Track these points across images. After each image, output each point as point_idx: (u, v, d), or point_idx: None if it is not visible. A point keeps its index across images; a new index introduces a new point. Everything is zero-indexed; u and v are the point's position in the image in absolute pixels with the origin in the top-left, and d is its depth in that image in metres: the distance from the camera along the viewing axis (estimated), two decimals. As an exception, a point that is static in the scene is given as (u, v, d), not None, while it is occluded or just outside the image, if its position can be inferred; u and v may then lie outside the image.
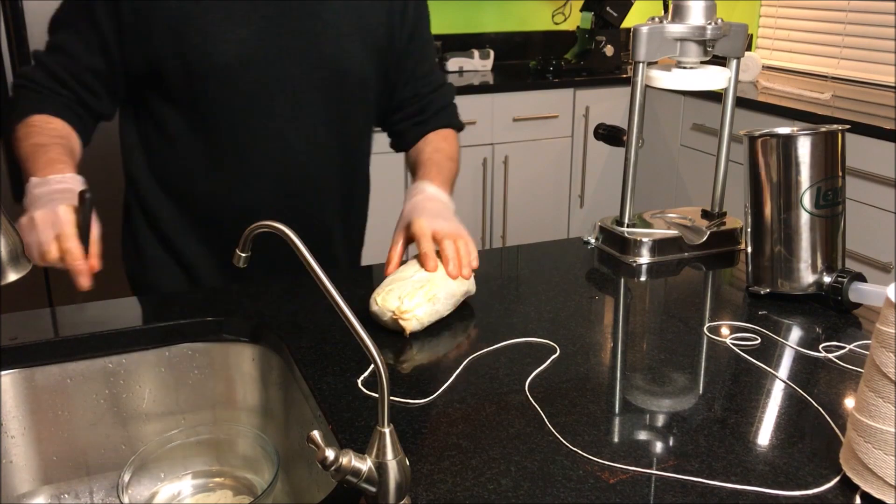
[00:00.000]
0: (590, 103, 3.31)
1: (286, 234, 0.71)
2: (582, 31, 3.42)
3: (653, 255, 1.31)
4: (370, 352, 0.67)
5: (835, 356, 1.00)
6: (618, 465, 0.79)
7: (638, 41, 1.24)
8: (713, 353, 1.02)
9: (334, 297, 0.69)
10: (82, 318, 1.10)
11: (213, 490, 1.05)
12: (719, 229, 1.35)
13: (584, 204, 3.46)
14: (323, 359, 0.99)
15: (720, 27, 1.23)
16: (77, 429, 1.04)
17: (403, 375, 0.96)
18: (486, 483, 0.76)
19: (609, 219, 1.37)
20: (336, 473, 0.67)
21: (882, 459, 0.71)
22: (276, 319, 1.08)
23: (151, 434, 1.07)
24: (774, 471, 0.78)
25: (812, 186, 1.10)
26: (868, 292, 1.08)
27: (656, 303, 1.20)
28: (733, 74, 1.31)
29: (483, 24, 3.64)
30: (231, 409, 1.10)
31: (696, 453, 0.81)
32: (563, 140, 3.34)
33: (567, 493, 0.75)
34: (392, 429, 0.69)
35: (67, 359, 1.03)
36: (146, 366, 1.06)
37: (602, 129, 1.41)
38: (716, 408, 0.89)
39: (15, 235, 0.68)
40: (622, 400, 0.92)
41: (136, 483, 0.97)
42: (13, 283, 0.68)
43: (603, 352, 1.02)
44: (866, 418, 0.73)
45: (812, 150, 1.10)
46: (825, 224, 1.12)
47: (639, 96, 1.28)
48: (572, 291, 1.20)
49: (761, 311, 1.13)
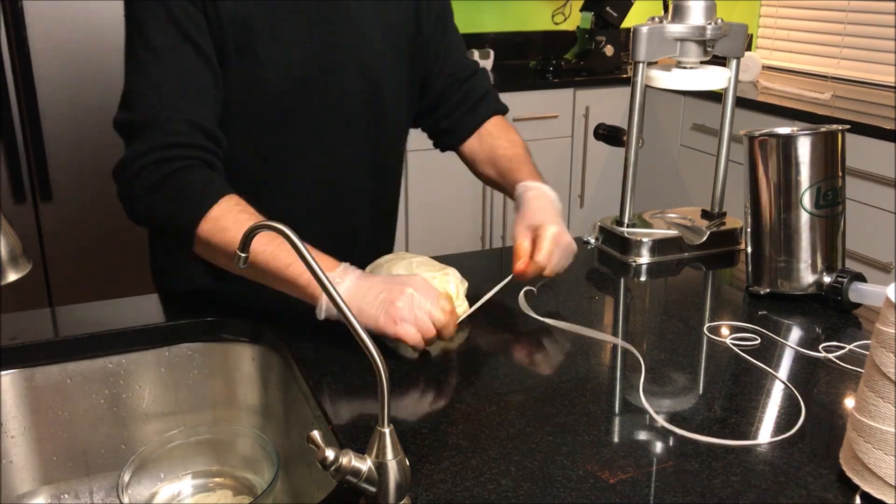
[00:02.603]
0: (590, 103, 3.31)
1: (286, 235, 0.71)
2: (582, 31, 3.42)
3: (653, 255, 1.31)
4: (370, 352, 0.67)
5: (835, 356, 1.00)
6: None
7: (638, 41, 1.24)
8: (713, 353, 1.02)
9: (334, 296, 0.69)
10: (82, 318, 1.10)
11: (213, 490, 1.05)
12: (719, 229, 1.35)
13: (584, 204, 3.46)
14: (323, 359, 0.99)
15: (720, 27, 1.23)
16: (77, 429, 1.04)
17: (403, 375, 0.96)
18: (486, 483, 0.76)
19: (609, 219, 1.37)
20: (336, 473, 0.67)
21: (882, 459, 0.71)
22: (276, 319, 1.08)
23: (151, 434, 1.07)
24: (774, 471, 0.78)
25: (812, 186, 1.10)
26: (868, 292, 1.08)
27: (656, 303, 1.20)
28: (733, 74, 1.31)
29: (483, 24, 3.64)
30: (231, 409, 1.10)
31: (696, 453, 0.81)
32: (563, 140, 3.33)
33: (567, 493, 0.75)
34: (392, 429, 0.69)
35: (67, 359, 1.03)
36: (146, 366, 1.06)
37: (602, 129, 1.41)
38: (716, 408, 0.89)
39: (14, 235, 0.68)
40: (622, 400, 0.92)
41: (136, 483, 0.97)
42: (13, 283, 0.68)
43: (603, 352, 1.02)
44: (866, 418, 0.73)
45: (812, 150, 1.10)
46: (825, 224, 1.12)
47: (639, 96, 1.28)
48: (572, 291, 1.20)
49: (761, 311, 1.13)
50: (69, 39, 2.40)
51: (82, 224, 2.52)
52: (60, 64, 2.41)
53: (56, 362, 1.02)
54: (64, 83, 2.42)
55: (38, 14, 2.35)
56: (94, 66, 2.42)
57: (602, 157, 3.41)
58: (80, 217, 2.52)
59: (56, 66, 2.41)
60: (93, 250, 2.54)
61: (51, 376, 1.02)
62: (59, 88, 2.42)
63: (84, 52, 2.41)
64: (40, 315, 1.13)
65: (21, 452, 1.02)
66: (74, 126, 2.46)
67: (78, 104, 2.45)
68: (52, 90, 2.42)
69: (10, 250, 0.67)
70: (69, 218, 2.52)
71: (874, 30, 3.21)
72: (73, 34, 2.40)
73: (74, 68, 2.42)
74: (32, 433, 1.02)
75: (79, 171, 2.48)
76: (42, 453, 1.03)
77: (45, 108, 2.42)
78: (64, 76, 2.42)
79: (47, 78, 2.40)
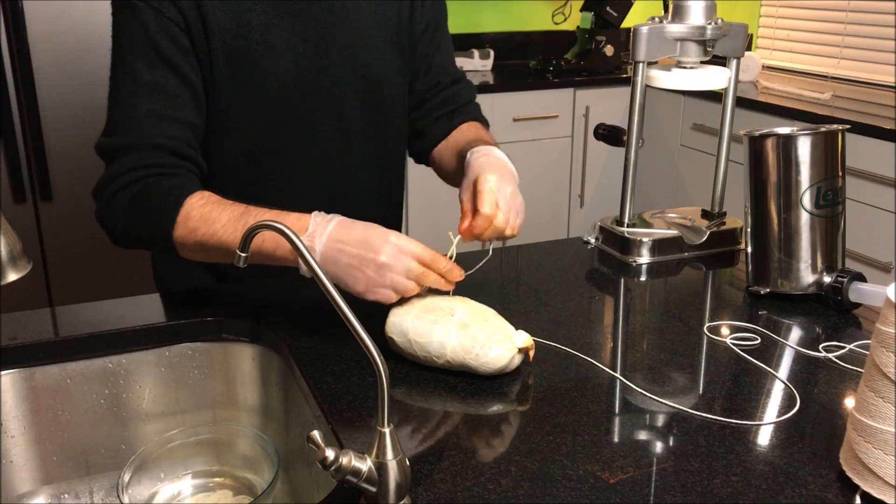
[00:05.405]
0: (590, 103, 3.31)
1: (286, 234, 0.71)
2: (582, 31, 3.42)
3: (653, 255, 1.31)
4: (370, 352, 0.67)
5: (835, 356, 1.00)
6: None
7: (638, 41, 1.24)
8: (713, 353, 1.02)
9: (334, 296, 0.69)
10: (82, 318, 1.10)
11: (213, 490, 1.05)
12: (719, 229, 1.35)
13: (584, 204, 3.46)
14: (323, 359, 0.99)
15: (720, 27, 1.23)
16: (77, 429, 1.04)
17: (403, 375, 0.96)
18: (486, 483, 0.76)
19: (609, 219, 1.37)
20: (336, 473, 0.67)
21: (882, 459, 0.71)
22: (276, 319, 1.08)
23: (151, 434, 1.07)
24: (774, 471, 0.78)
25: (812, 186, 1.10)
26: (868, 292, 1.08)
27: (656, 303, 1.20)
28: (733, 74, 1.31)
29: (483, 24, 3.64)
30: (231, 409, 1.10)
31: (696, 453, 0.81)
32: (563, 140, 3.33)
33: (567, 493, 0.75)
34: (392, 429, 0.69)
35: (67, 359, 1.03)
36: (146, 366, 1.06)
37: (602, 129, 1.40)
38: (716, 408, 0.89)
39: (14, 235, 0.68)
40: (622, 400, 0.92)
41: (136, 483, 0.97)
42: (13, 283, 0.68)
43: (603, 352, 1.02)
44: (866, 418, 0.73)
45: (812, 150, 1.10)
46: (825, 224, 1.12)
47: (639, 96, 1.28)
48: (572, 291, 1.20)
49: (761, 311, 1.13)
50: (69, 39, 2.40)
51: (82, 224, 2.52)
52: (60, 64, 2.41)
53: (56, 362, 1.02)
54: (64, 83, 2.42)
55: (38, 14, 2.35)
56: (94, 66, 2.42)
57: (602, 157, 3.41)
58: (80, 217, 2.51)
59: (56, 66, 2.41)
60: (93, 250, 2.54)
61: (51, 376, 1.02)
62: (59, 88, 2.42)
63: (84, 52, 2.42)
64: (40, 315, 1.13)
65: (21, 452, 1.02)
66: (74, 126, 2.46)
67: (78, 104, 2.45)
68: (52, 90, 2.42)
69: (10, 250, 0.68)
70: (69, 218, 2.52)
71: (874, 30, 3.21)
72: (73, 34, 2.40)
73: (74, 68, 2.42)
74: (32, 433, 1.02)
75: (79, 171, 2.48)
76: (42, 453, 1.03)
77: (45, 108, 2.42)
78: (64, 76, 2.42)
79: (47, 78, 2.40)
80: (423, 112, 1.37)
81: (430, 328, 0.94)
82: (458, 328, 0.93)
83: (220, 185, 1.13)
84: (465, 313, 0.95)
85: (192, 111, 1.14)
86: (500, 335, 0.93)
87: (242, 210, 1.03)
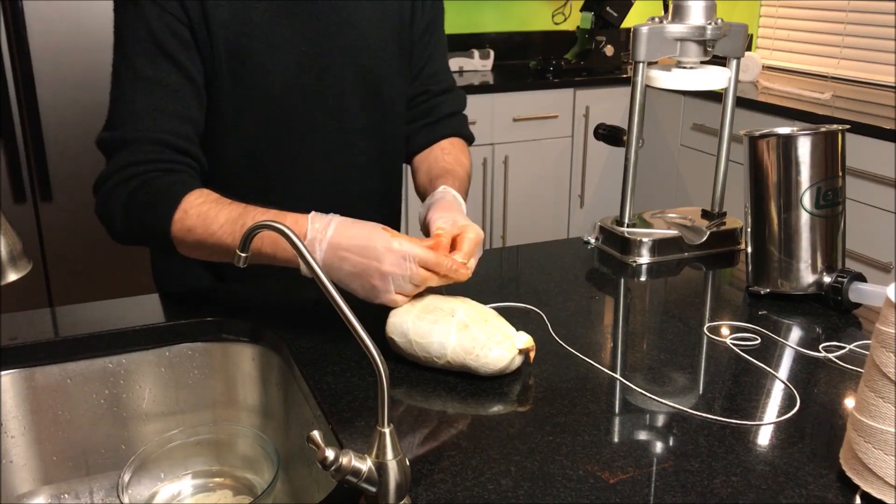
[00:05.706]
0: (590, 103, 3.31)
1: (286, 234, 0.71)
2: (582, 31, 3.42)
3: (653, 255, 1.31)
4: (370, 352, 0.67)
5: (835, 356, 1.00)
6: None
7: (638, 41, 1.24)
8: (713, 353, 1.02)
9: (334, 296, 0.69)
10: (82, 318, 1.10)
11: (213, 490, 1.05)
12: (719, 229, 1.35)
13: (584, 204, 3.46)
14: (323, 359, 0.99)
15: (720, 27, 1.23)
16: (77, 429, 1.04)
17: (403, 375, 0.96)
18: (486, 483, 0.76)
19: (609, 219, 1.37)
20: (336, 473, 0.67)
21: (882, 459, 0.71)
22: (276, 319, 1.08)
23: (151, 434, 1.07)
24: (774, 471, 0.78)
25: (812, 186, 1.10)
26: (868, 292, 1.08)
27: (656, 303, 1.20)
28: (733, 74, 1.31)
29: (483, 24, 3.64)
30: (231, 409, 1.10)
31: (696, 453, 0.81)
32: (563, 140, 3.34)
33: (567, 493, 0.75)
34: (392, 429, 0.69)
35: (67, 359, 1.03)
36: (146, 366, 1.06)
37: (602, 129, 1.40)
38: (716, 408, 0.89)
39: (14, 235, 0.68)
40: (622, 400, 0.92)
41: (136, 483, 0.97)
42: (13, 283, 0.68)
43: (603, 352, 1.02)
44: (866, 418, 0.73)
45: (812, 150, 1.10)
46: (825, 224, 1.12)
47: (639, 96, 1.28)
48: (572, 291, 1.20)
49: (761, 311, 1.13)
50: (69, 39, 2.40)
51: (82, 224, 2.52)
52: (60, 64, 2.41)
53: (56, 362, 1.02)
54: (64, 83, 2.42)
55: (38, 14, 2.35)
56: (94, 66, 2.42)
57: (602, 157, 3.41)
58: (80, 217, 2.52)
59: (56, 66, 2.41)
60: (93, 250, 2.54)
61: (51, 376, 1.02)
62: (59, 88, 2.42)
63: (84, 52, 2.42)
64: (40, 315, 1.13)
65: (21, 452, 1.02)
66: (74, 126, 2.46)
67: (78, 104, 2.45)
68: (52, 90, 2.42)
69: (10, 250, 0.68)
70: (69, 218, 2.52)
71: (874, 30, 3.21)
72: (73, 34, 2.40)
73: (74, 68, 2.42)
74: (32, 433, 1.02)
75: (79, 171, 2.48)
76: (42, 453, 1.03)
77: (45, 108, 2.42)
78: (64, 76, 2.42)
79: (47, 78, 2.40)
80: (409, 117, 1.37)
81: (430, 329, 0.94)
82: (458, 329, 0.93)
83: (220, 184, 1.13)
84: (465, 314, 0.95)
85: (193, 106, 1.14)
86: (500, 336, 0.93)
87: (241, 210, 1.03)
